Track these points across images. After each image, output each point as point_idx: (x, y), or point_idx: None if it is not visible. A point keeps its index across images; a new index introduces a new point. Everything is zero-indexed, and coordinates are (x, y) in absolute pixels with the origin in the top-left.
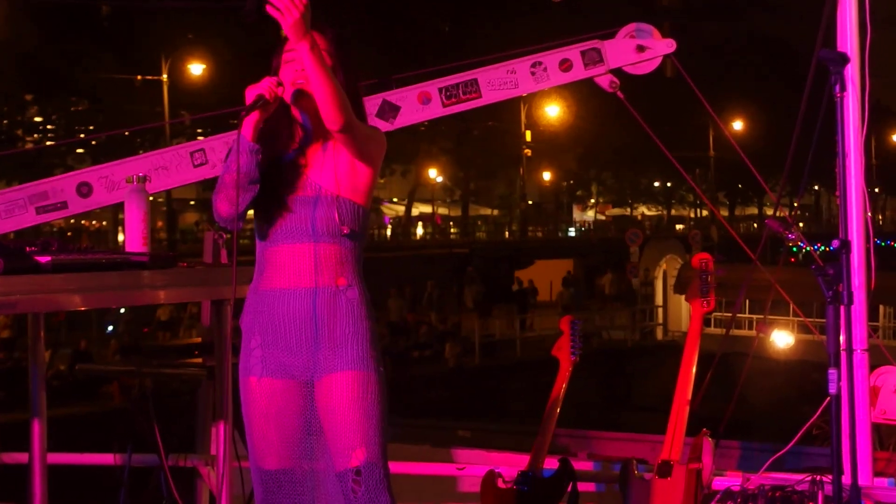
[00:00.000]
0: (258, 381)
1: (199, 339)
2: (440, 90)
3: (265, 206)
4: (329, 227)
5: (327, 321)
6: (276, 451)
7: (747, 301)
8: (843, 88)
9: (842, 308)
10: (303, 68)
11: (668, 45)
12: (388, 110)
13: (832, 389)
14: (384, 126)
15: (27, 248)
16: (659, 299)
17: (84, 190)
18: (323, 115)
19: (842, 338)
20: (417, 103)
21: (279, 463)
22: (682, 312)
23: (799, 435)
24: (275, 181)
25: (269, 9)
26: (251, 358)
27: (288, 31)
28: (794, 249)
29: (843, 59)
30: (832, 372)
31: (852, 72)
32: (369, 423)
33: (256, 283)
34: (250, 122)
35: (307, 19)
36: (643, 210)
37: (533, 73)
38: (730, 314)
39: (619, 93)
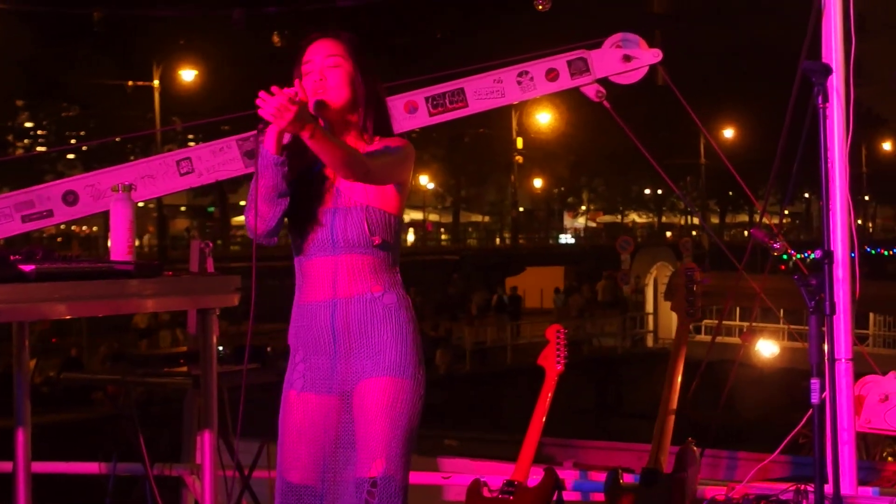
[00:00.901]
0: (298, 395)
1: (185, 349)
2: (427, 99)
3: (296, 220)
4: (360, 238)
5: (366, 329)
6: (302, 465)
7: (737, 308)
8: (826, 99)
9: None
10: (322, 78)
11: (654, 56)
12: None
13: (815, 399)
14: None
15: (11, 257)
16: (650, 307)
17: (70, 198)
18: (337, 174)
19: (826, 347)
20: (404, 112)
21: (303, 478)
22: (672, 320)
23: (783, 444)
24: (305, 194)
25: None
26: (294, 372)
27: (285, 132)
28: (785, 257)
29: (827, 70)
30: (814, 382)
31: (837, 82)
32: (394, 433)
33: (298, 298)
34: (272, 135)
35: (303, 112)
36: (634, 217)
37: (519, 83)
38: (718, 321)
39: (605, 102)
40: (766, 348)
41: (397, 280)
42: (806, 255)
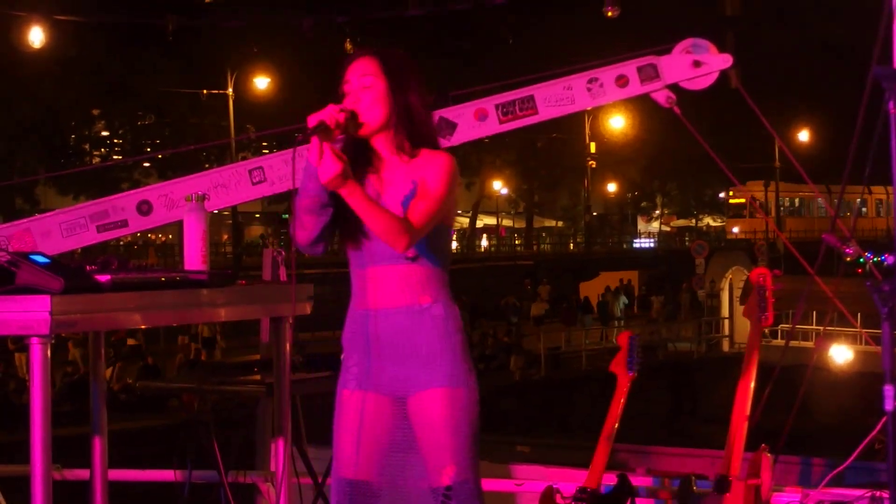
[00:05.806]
0: (350, 393)
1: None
2: (497, 107)
3: (344, 231)
4: (399, 252)
5: (414, 340)
6: (356, 462)
7: (813, 312)
8: None
9: None
10: (357, 100)
11: (724, 61)
12: (445, 127)
13: (888, 406)
14: (441, 143)
15: (87, 267)
16: (725, 311)
17: (144, 208)
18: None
19: None
20: (474, 120)
21: (357, 474)
22: (748, 324)
23: (858, 450)
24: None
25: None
26: (347, 373)
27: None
28: (861, 260)
29: None
30: (888, 388)
31: None
32: (458, 440)
33: (352, 303)
34: (315, 147)
35: (346, 170)
36: (708, 221)
37: (589, 89)
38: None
39: (675, 108)
40: (840, 354)
41: (446, 289)
42: (883, 258)
